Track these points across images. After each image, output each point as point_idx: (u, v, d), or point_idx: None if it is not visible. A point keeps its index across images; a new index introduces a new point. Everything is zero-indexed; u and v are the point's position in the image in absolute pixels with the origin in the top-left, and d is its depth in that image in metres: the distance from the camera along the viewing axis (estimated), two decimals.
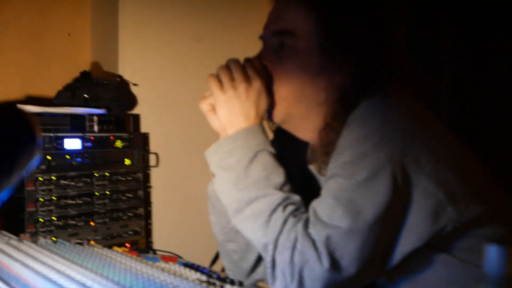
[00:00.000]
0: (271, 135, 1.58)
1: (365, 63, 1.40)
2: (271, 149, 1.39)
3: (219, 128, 1.45)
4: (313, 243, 1.25)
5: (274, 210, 1.31)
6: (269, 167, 1.36)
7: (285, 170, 1.44)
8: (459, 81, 2.11)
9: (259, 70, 1.42)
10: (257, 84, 1.40)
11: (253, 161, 1.36)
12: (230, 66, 1.42)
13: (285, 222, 1.29)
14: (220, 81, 1.41)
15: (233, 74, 1.41)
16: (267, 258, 1.30)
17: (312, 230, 1.26)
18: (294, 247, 1.25)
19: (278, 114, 1.44)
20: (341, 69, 1.40)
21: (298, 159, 1.59)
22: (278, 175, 1.36)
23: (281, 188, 1.35)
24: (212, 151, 1.42)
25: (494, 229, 1.37)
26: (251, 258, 1.54)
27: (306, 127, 1.48)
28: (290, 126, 1.49)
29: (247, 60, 1.44)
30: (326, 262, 1.23)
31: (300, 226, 1.27)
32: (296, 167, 1.56)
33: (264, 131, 1.41)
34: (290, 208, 1.31)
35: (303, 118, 1.45)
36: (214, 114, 1.45)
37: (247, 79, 1.40)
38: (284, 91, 1.42)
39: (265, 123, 1.52)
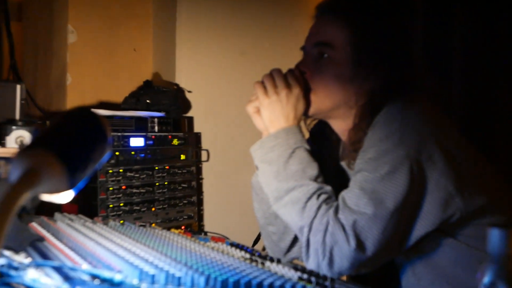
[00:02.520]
0: (307, 135, 1.58)
1: (391, 73, 1.40)
2: (307, 146, 1.39)
3: (262, 127, 1.46)
4: (342, 226, 1.25)
5: (309, 198, 1.31)
6: (305, 161, 1.37)
7: (320, 165, 1.43)
8: (468, 87, 2.08)
9: (299, 78, 1.42)
10: (296, 90, 1.40)
11: (291, 156, 1.37)
12: (273, 75, 1.43)
13: (318, 208, 1.30)
14: (264, 87, 1.42)
15: (276, 81, 1.41)
16: (303, 239, 1.31)
17: (341, 215, 1.26)
18: (326, 230, 1.26)
19: (312, 110, 1.45)
20: (370, 77, 1.40)
21: (332, 156, 1.58)
22: (313, 169, 1.36)
23: (315, 180, 1.35)
24: (256, 147, 1.43)
25: (496, 218, 1.35)
26: (288, 239, 1.55)
27: (339, 127, 1.49)
28: (330, 120, 1.50)
29: (289, 70, 1.44)
30: (353, 243, 1.24)
31: (331, 212, 1.27)
32: (330, 163, 1.56)
33: (301, 131, 1.42)
34: (323, 197, 1.32)
35: (336, 118, 1.46)
36: (258, 115, 1.45)
37: (288, 86, 1.40)
38: (321, 94, 1.43)
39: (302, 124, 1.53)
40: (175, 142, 2.51)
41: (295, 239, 1.54)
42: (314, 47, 1.43)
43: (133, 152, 2.34)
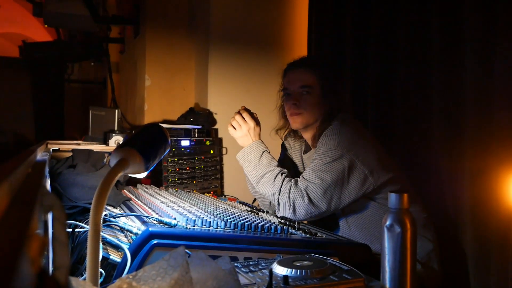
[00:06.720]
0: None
1: (335, 99, 1.41)
2: (267, 150, 1.40)
3: (235, 136, 1.46)
4: (300, 189, 1.25)
5: (276, 176, 1.31)
6: (269, 157, 1.37)
7: (286, 162, 1.47)
8: (377, 109, 2.05)
9: (249, 116, 1.43)
10: (251, 124, 1.41)
11: (261, 156, 1.37)
12: (235, 117, 1.45)
13: (283, 180, 1.29)
14: (234, 127, 1.45)
15: (238, 121, 1.43)
16: (275, 201, 1.29)
17: (299, 183, 1.26)
18: (289, 191, 1.25)
19: (301, 125, 1.43)
20: (327, 101, 1.40)
21: (296, 155, 1.58)
22: (274, 161, 1.37)
23: (277, 166, 1.35)
24: (240, 154, 1.43)
25: (395, 187, 1.35)
26: (267, 200, 1.54)
27: (308, 134, 1.48)
28: (303, 131, 1.48)
29: (239, 112, 1.46)
30: (306, 199, 1.24)
31: (292, 182, 1.27)
32: (291, 161, 1.57)
33: (262, 142, 1.41)
34: (284, 175, 1.32)
35: (309, 127, 1.45)
36: (234, 130, 1.46)
37: (244, 122, 1.42)
38: (306, 115, 1.41)
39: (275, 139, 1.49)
40: (207, 143, 2.50)
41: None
42: (299, 88, 1.41)
43: (183, 149, 2.33)
